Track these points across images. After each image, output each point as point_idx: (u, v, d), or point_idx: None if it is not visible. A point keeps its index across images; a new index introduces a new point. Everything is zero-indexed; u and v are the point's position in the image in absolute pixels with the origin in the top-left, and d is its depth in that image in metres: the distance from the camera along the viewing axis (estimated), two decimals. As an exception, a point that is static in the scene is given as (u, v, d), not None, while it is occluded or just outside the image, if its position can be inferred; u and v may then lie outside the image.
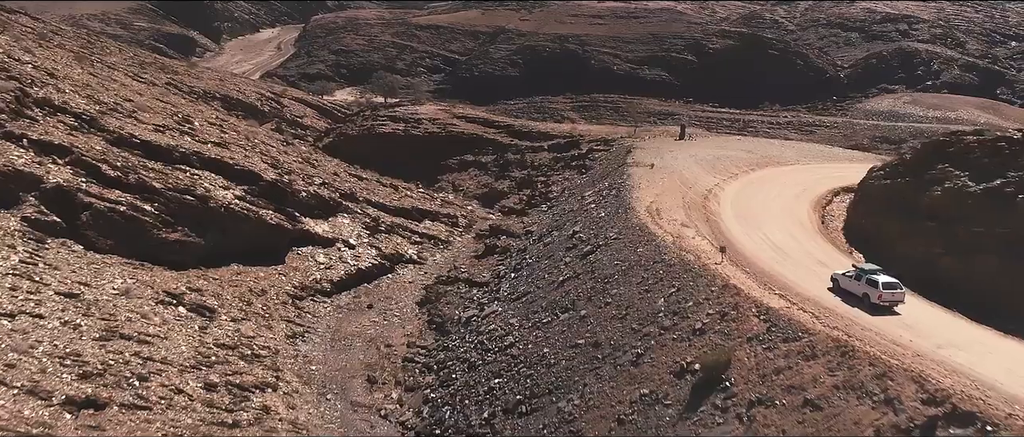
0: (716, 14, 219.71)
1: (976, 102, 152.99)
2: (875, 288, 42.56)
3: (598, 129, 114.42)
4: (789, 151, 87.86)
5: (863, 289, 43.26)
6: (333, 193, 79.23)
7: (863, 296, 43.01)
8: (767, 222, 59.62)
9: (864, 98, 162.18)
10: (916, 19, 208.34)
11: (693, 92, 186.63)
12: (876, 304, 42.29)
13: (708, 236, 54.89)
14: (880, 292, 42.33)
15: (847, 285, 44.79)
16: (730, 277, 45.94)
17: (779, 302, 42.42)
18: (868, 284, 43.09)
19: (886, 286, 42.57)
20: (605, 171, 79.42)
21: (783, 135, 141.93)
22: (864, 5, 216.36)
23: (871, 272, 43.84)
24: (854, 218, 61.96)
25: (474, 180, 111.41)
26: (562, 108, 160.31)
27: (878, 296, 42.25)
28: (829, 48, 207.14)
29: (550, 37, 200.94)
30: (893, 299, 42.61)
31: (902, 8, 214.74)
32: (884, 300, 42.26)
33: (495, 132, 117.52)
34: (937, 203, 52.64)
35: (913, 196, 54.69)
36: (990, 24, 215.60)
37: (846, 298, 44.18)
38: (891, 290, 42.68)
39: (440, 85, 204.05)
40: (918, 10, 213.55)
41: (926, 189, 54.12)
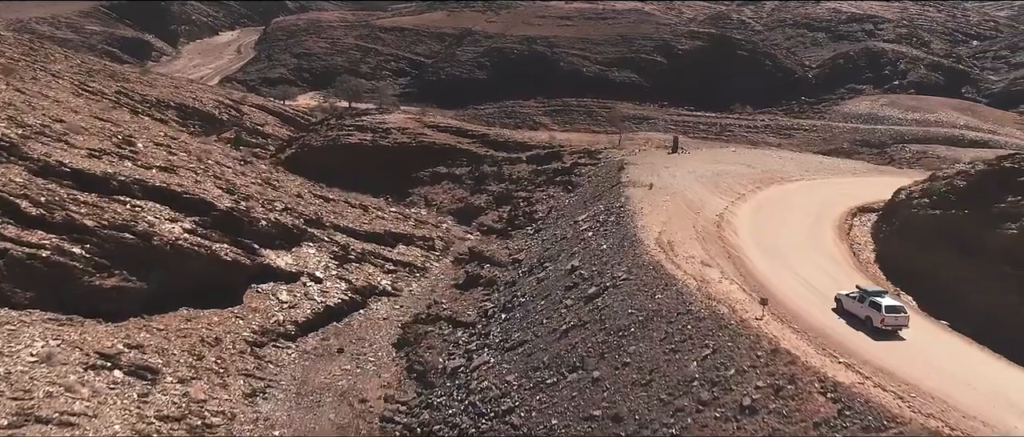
0: (683, 15, 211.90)
1: (952, 103, 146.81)
2: (878, 311, 39.95)
3: (577, 138, 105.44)
4: (789, 165, 79.67)
5: (866, 312, 40.76)
6: (296, 219, 69.11)
7: (866, 319, 40.60)
8: (794, 256, 51.06)
9: (840, 100, 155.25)
10: (881, 19, 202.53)
11: (663, 93, 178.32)
12: (879, 328, 39.75)
13: (735, 278, 46.05)
14: (883, 315, 39.73)
15: (850, 307, 42.12)
16: (778, 338, 37.08)
17: (847, 375, 33.70)
18: (871, 307, 40.49)
19: (889, 310, 39.93)
20: (597, 190, 70.30)
21: (762, 139, 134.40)
22: (829, 5, 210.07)
23: (874, 294, 41.27)
24: (890, 249, 53.65)
25: (448, 194, 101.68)
26: (534, 113, 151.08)
27: (880, 319, 39.74)
28: (796, 48, 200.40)
29: (518, 39, 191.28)
30: (896, 323, 40.00)
31: (866, 8, 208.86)
32: (887, 324, 39.71)
33: (469, 142, 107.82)
34: (1016, 245, 44.20)
35: (976, 232, 46.37)
36: (952, 24, 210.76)
37: (850, 320, 41.40)
38: (894, 314, 40.02)
39: (406, 89, 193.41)
40: (882, 10, 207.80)
41: (995, 225, 45.77)
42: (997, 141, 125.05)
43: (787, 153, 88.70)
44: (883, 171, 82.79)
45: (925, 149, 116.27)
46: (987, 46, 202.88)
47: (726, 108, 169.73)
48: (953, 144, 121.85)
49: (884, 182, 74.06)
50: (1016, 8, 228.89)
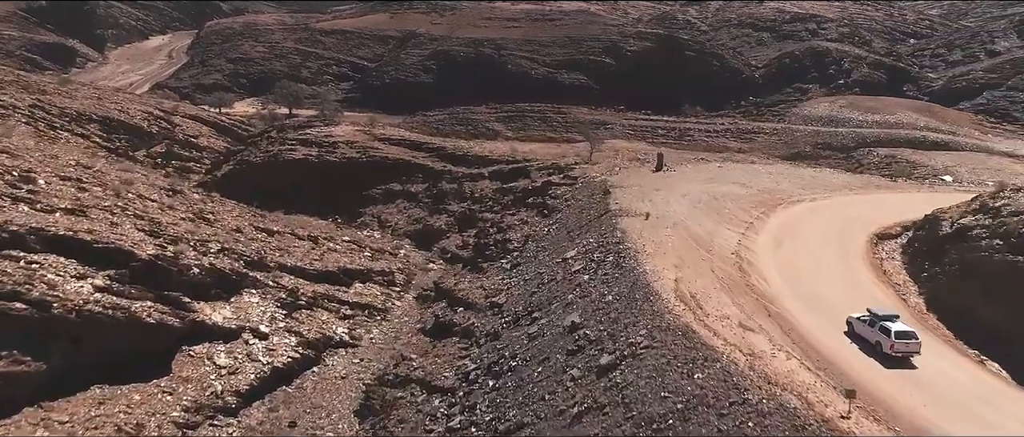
0: (629, 15, 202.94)
1: (910, 104, 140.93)
2: (887, 336, 37.45)
3: (540, 149, 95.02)
4: (784, 182, 70.59)
5: (876, 336, 38.26)
6: (236, 261, 57.01)
7: (876, 344, 38.17)
8: (842, 308, 41.41)
9: (798, 101, 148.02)
10: (823, 18, 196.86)
11: (613, 95, 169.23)
12: (888, 354, 37.27)
13: (788, 347, 36.10)
14: (892, 341, 37.24)
15: (861, 331, 39.49)
16: (884, 452, 27.21)
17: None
18: (881, 332, 37.96)
19: (899, 336, 37.37)
20: (583, 218, 59.87)
21: (722, 144, 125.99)
22: (773, 5, 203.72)
23: (884, 318, 38.54)
24: (947, 295, 44.54)
25: (404, 214, 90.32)
26: (486, 119, 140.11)
27: (890, 346, 37.29)
28: (742, 48, 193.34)
29: (464, 41, 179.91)
30: (907, 350, 37.37)
31: (809, 8, 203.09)
32: (897, 350, 37.21)
33: (424, 156, 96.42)
34: None
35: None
36: (890, 22, 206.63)
37: (861, 344, 38.89)
38: (904, 340, 37.37)
39: (349, 94, 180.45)
40: (824, 9, 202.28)
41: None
42: (958, 142, 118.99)
43: (773, 166, 79.91)
44: (875, 184, 74.51)
45: (893, 153, 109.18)
46: (924, 44, 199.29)
47: (678, 109, 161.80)
48: (917, 147, 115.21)
49: (886, 200, 65.83)
50: (945, 7, 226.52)
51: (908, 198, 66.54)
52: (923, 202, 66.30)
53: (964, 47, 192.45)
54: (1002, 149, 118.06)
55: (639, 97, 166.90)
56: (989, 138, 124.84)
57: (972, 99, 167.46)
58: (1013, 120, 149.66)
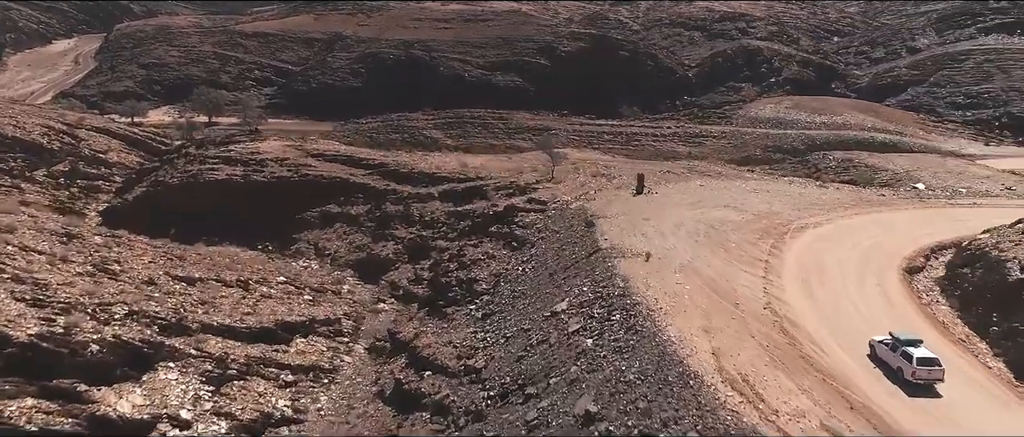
0: (560, 15, 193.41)
1: (853, 104, 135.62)
2: (909, 363, 34.56)
3: (493, 163, 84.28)
4: (775, 201, 61.69)
5: (897, 362, 35.38)
6: (148, 328, 44.55)
7: (897, 370, 35.29)
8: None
9: (743, 103, 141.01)
10: (752, 17, 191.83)
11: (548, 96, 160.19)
12: (910, 381, 34.34)
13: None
14: (914, 368, 34.35)
15: (883, 355, 36.51)
16: None
17: None
18: (903, 357, 35.12)
19: (921, 362, 34.44)
20: (567, 257, 49.54)
21: (671, 148, 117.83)
22: (703, 4, 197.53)
23: (907, 343, 35.58)
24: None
25: (344, 240, 78.24)
26: (423, 126, 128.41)
27: (912, 373, 34.43)
28: (675, 48, 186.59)
29: (393, 43, 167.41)
30: (930, 377, 34.44)
31: (737, 7, 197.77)
32: (919, 377, 34.33)
33: (364, 173, 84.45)
34: None
35: None
36: (814, 20, 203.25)
37: (883, 368, 35.97)
38: (927, 367, 34.39)
39: (273, 99, 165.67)
40: (752, 8, 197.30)
41: None
42: (906, 143, 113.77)
43: (753, 182, 71.17)
44: (864, 199, 66.58)
45: (849, 157, 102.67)
46: (848, 42, 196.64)
47: (614, 110, 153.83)
48: (868, 148, 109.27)
49: (889, 221, 58.03)
50: (863, 5, 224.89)
51: (908, 218, 58.88)
52: (923, 221, 58.76)
53: (886, 45, 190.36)
54: (948, 148, 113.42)
55: (575, 98, 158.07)
56: (933, 137, 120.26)
57: (897, 95, 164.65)
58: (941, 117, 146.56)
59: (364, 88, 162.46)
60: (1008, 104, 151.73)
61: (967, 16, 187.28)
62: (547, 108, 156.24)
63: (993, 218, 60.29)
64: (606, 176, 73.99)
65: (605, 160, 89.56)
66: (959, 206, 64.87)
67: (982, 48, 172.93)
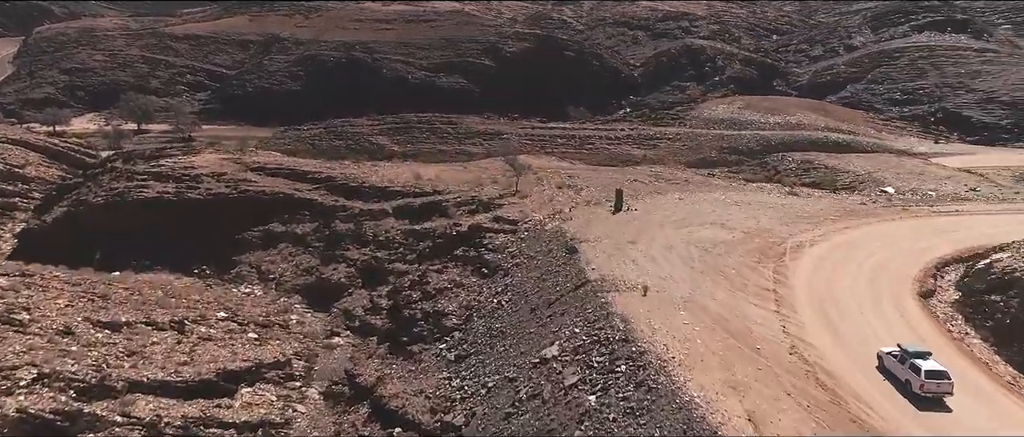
0: (503, 15, 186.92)
1: (805, 104, 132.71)
2: (917, 375, 31.97)
3: (449, 174, 77.46)
4: (761, 216, 56.23)
5: (906, 374, 32.83)
6: (62, 393, 36.60)
7: (905, 382, 32.74)
8: None
9: (695, 104, 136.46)
10: (694, 16, 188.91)
11: (494, 97, 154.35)
12: (918, 394, 31.81)
13: None
14: (923, 381, 31.79)
15: (891, 366, 33.88)
16: None
17: None
18: (911, 370, 32.49)
19: (929, 375, 31.86)
20: (550, 289, 43.26)
21: (626, 151, 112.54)
22: (646, 4, 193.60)
23: (915, 356, 32.91)
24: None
25: (290, 262, 70.59)
26: (368, 132, 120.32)
27: (920, 386, 31.93)
28: (619, 47, 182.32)
29: (333, 45, 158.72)
30: (938, 390, 31.87)
31: (679, 6, 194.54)
32: (927, 390, 31.82)
33: (310, 188, 76.75)
34: None
35: None
36: (754, 19, 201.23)
37: (891, 380, 33.34)
38: (936, 380, 31.80)
39: (207, 105, 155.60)
40: (693, 8, 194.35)
41: None
42: (860, 142, 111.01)
43: (733, 193, 65.91)
44: (847, 209, 62.04)
45: (808, 158, 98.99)
46: (787, 40, 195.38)
47: (562, 111, 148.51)
48: (824, 149, 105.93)
49: (882, 235, 53.58)
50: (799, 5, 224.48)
51: (898, 231, 54.46)
52: (915, 234, 54.56)
53: (824, 42, 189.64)
54: (900, 147, 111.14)
55: (521, 99, 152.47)
56: (884, 135, 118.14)
57: (837, 92, 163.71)
58: (881, 113, 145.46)
59: (303, 92, 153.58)
60: (942, 100, 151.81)
61: (900, 14, 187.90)
62: (493, 109, 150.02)
63: (982, 227, 56.76)
64: (573, 187, 68.09)
65: (565, 167, 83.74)
66: (942, 214, 61.10)
67: (916, 45, 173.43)
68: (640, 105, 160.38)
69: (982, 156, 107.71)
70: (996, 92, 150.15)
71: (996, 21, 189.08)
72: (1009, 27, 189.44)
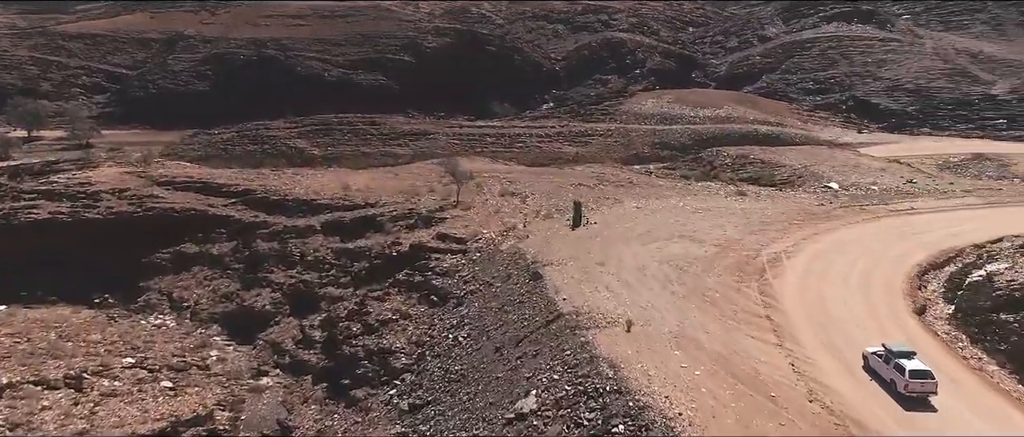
0: (421, 9, 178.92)
1: (732, 96, 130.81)
2: (902, 375, 30.85)
3: (380, 181, 70.40)
4: (726, 224, 51.21)
5: (890, 374, 31.69)
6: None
7: (890, 382, 31.63)
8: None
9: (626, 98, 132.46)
10: (613, 9, 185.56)
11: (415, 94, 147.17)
12: (903, 394, 30.63)
13: None
14: (907, 381, 30.66)
15: (876, 366, 32.72)
16: None
17: None
18: (896, 370, 31.34)
19: (914, 375, 30.71)
20: (515, 323, 37.31)
21: (557, 149, 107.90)
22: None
23: (899, 356, 31.73)
24: None
25: (205, 287, 62.40)
26: (286, 135, 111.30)
27: (904, 385, 30.78)
28: (540, 41, 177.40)
29: (243, 42, 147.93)
30: (923, 390, 30.78)
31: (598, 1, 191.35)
32: (911, 390, 30.71)
33: (226, 203, 68.36)
34: None
35: None
36: (671, 12, 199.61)
37: (876, 380, 32.14)
38: (920, 380, 30.69)
39: (106, 108, 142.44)
40: (612, 2, 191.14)
41: None
42: (789, 135, 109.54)
43: (689, 198, 61.00)
44: (808, 212, 58.34)
45: (743, 152, 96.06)
46: (703, 32, 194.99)
47: (485, 107, 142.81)
48: (757, 142, 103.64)
49: (855, 240, 49.98)
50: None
51: (866, 235, 50.86)
52: (884, 239, 51.33)
53: (739, 34, 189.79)
54: (826, 138, 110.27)
55: (443, 96, 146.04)
56: (809, 126, 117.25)
57: (753, 83, 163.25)
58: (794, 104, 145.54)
59: (212, 92, 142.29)
60: (852, 88, 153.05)
61: (809, 5, 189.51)
62: (415, 107, 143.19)
63: (943, 227, 54.16)
64: (517, 195, 62.31)
65: (502, 170, 77.81)
66: (900, 214, 58.21)
67: (825, 36, 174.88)
68: (563, 99, 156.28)
69: (905, 145, 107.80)
70: (901, 80, 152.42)
71: (897, 12, 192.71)
72: (909, 17, 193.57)
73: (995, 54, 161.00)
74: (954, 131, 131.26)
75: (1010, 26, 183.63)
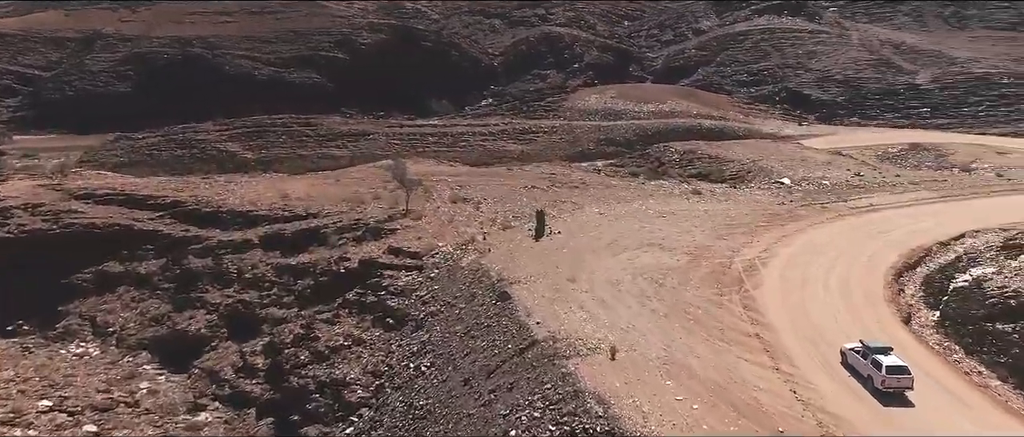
0: (354, 4, 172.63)
1: (675, 91, 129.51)
2: (879, 371, 30.26)
3: (322, 189, 65.60)
4: (695, 229, 47.96)
5: (868, 370, 31.06)
6: None
7: (868, 378, 31.03)
8: None
9: (569, 93, 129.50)
10: (550, 4, 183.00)
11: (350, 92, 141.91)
12: (880, 390, 30.07)
13: None
14: (884, 377, 30.02)
15: (854, 362, 32.12)
16: None
17: None
18: (873, 365, 30.78)
19: (891, 370, 30.08)
20: (485, 351, 33.59)
21: (501, 148, 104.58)
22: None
23: (876, 351, 31.14)
24: None
25: (132, 310, 56.79)
26: (216, 139, 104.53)
27: (881, 381, 30.15)
28: (477, 36, 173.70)
29: (167, 41, 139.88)
30: (899, 385, 30.16)
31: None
32: (888, 386, 30.11)
33: (153, 217, 62.49)
34: None
35: None
36: (606, 5, 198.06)
37: (854, 375, 31.50)
38: (896, 375, 30.03)
39: (17, 112, 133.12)
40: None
41: None
42: (733, 128, 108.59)
43: (651, 202, 57.97)
44: (770, 212, 56.17)
45: (690, 148, 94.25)
46: (639, 26, 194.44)
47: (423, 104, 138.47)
48: (699, 136, 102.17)
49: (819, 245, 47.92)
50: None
51: (834, 236, 48.86)
52: (850, 239, 49.64)
53: (674, 27, 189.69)
54: (769, 130, 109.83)
55: (380, 94, 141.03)
56: (751, 119, 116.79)
57: (690, 76, 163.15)
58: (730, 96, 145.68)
59: (134, 94, 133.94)
60: (785, 80, 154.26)
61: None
62: (350, 105, 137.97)
63: (905, 224, 52.93)
64: (469, 201, 58.62)
65: (448, 172, 73.92)
66: (860, 212, 56.73)
67: (757, 28, 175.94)
68: (502, 95, 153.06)
69: (843, 136, 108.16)
70: (830, 71, 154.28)
71: (825, 4, 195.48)
72: (835, 10, 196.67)
73: (917, 45, 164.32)
74: (882, 120, 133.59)
75: (930, 18, 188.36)
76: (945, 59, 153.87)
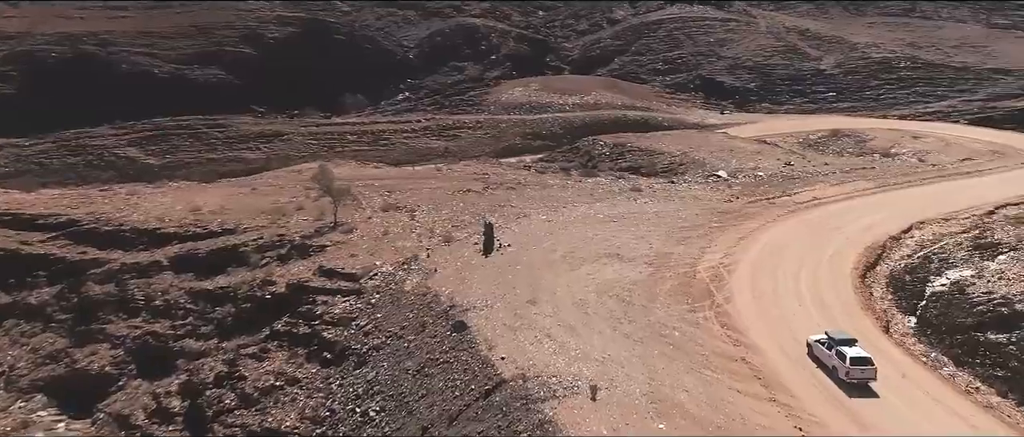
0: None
1: (600, 82, 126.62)
2: (843, 362, 31.27)
3: (238, 199, 59.32)
4: (651, 235, 44.63)
5: (832, 361, 32.19)
6: None
7: (833, 369, 32.13)
8: None
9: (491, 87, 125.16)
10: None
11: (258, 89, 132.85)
12: (844, 380, 31.11)
13: None
14: (848, 367, 31.01)
15: (819, 353, 33.07)
16: None
17: None
18: (837, 357, 31.79)
19: (854, 361, 31.02)
20: (443, 393, 29.13)
21: (426, 145, 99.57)
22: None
23: (841, 343, 32.09)
24: None
25: (23, 347, 49.87)
26: (114, 144, 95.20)
27: (845, 372, 31.21)
28: (390, 29, 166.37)
29: (54, 38, 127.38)
30: (863, 377, 31.09)
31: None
32: (852, 377, 31.10)
33: (45, 238, 55.06)
34: None
35: None
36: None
37: (820, 366, 32.44)
38: (860, 366, 30.94)
39: None
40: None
41: None
42: (657, 119, 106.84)
43: (600, 205, 54.08)
44: (720, 211, 53.54)
45: (620, 141, 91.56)
46: (553, 16, 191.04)
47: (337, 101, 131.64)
48: (625, 128, 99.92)
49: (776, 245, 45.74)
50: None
51: (787, 235, 46.91)
52: (800, 236, 47.69)
53: (588, 17, 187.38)
54: (693, 120, 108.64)
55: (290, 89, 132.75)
56: (674, 109, 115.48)
57: (607, 65, 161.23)
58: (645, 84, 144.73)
59: (19, 96, 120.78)
60: (698, 67, 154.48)
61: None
62: (259, 103, 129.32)
63: (855, 218, 51.54)
64: (402, 209, 53.89)
65: (376, 176, 68.81)
66: (807, 206, 54.96)
67: (670, 17, 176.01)
68: (419, 88, 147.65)
69: (764, 124, 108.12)
70: (741, 58, 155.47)
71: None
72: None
73: (820, 31, 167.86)
74: (792, 105, 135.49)
75: (830, 5, 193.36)
76: (847, 45, 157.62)
